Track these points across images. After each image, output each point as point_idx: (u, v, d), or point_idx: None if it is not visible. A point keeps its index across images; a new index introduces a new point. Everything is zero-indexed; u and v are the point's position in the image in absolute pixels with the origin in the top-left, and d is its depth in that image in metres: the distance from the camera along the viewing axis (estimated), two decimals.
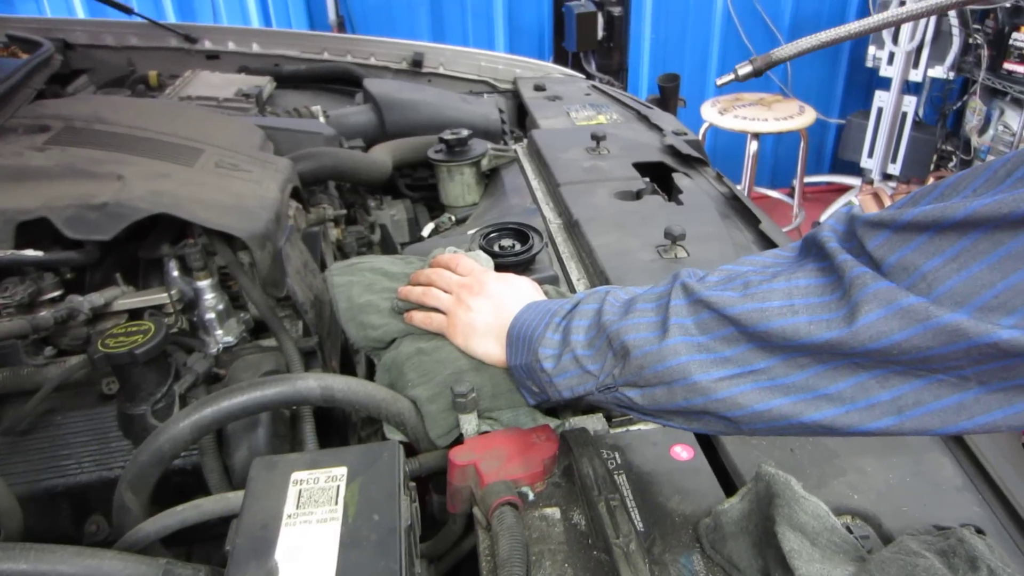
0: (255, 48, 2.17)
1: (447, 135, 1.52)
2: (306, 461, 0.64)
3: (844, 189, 3.80)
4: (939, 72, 3.32)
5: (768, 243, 1.12)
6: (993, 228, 0.41)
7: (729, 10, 3.49)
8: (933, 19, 3.18)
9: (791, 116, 3.03)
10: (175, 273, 0.98)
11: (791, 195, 3.84)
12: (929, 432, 0.47)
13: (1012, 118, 3.33)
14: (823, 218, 3.57)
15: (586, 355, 0.65)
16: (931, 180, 3.37)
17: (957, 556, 0.58)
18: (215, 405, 0.70)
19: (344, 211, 1.40)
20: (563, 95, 1.90)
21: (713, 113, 3.10)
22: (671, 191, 1.34)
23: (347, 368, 1.13)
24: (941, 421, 0.46)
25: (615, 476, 0.71)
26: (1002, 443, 0.79)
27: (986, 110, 3.47)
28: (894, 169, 3.55)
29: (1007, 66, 3.28)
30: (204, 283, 0.97)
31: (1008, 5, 3.02)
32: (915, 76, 3.35)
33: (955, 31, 3.20)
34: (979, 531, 0.65)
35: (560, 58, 3.47)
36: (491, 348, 0.77)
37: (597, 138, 1.47)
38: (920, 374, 0.46)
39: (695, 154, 1.45)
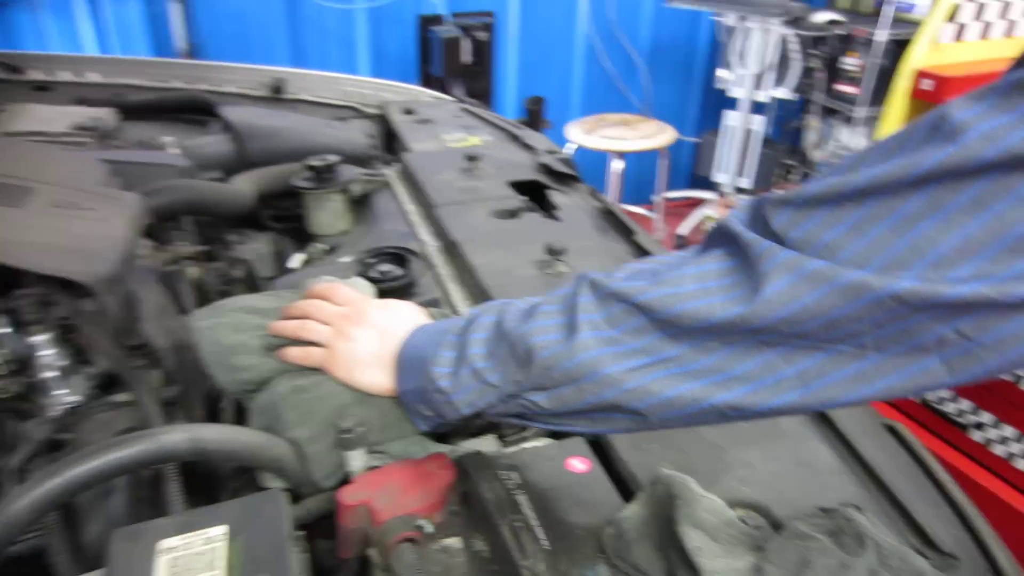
0: (93, 78, 2.01)
1: (314, 161, 1.46)
2: (176, 525, 0.57)
3: (701, 202, 4.00)
4: (782, 93, 3.57)
5: (643, 252, 1.14)
6: (888, 194, 0.43)
7: (590, 35, 3.62)
8: (778, 45, 3.41)
9: (652, 135, 3.16)
10: (5, 330, 0.87)
11: (653, 210, 4.01)
12: (833, 404, 0.48)
13: (845, 134, 3.63)
14: (680, 230, 3.74)
15: (486, 367, 0.63)
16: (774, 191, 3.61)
17: (846, 534, 0.60)
18: (60, 476, 0.60)
19: (203, 248, 1.31)
20: (433, 118, 1.88)
21: (579, 133, 3.19)
22: (547, 208, 1.34)
23: (213, 418, 1.05)
24: (843, 391, 0.47)
25: (515, 497, 0.68)
26: (867, 427, 0.83)
27: (822, 127, 3.77)
28: (745, 183, 3.78)
29: (838, 87, 3.58)
30: (40, 338, 0.86)
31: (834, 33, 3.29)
32: (761, 97, 3.58)
33: (795, 56, 3.46)
34: (857, 508, 0.67)
35: (427, 83, 3.46)
36: (377, 378, 0.73)
37: (471, 159, 1.46)
38: (822, 346, 0.47)
39: (568, 171, 1.47)
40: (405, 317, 0.78)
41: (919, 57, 1.69)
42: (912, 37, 3.28)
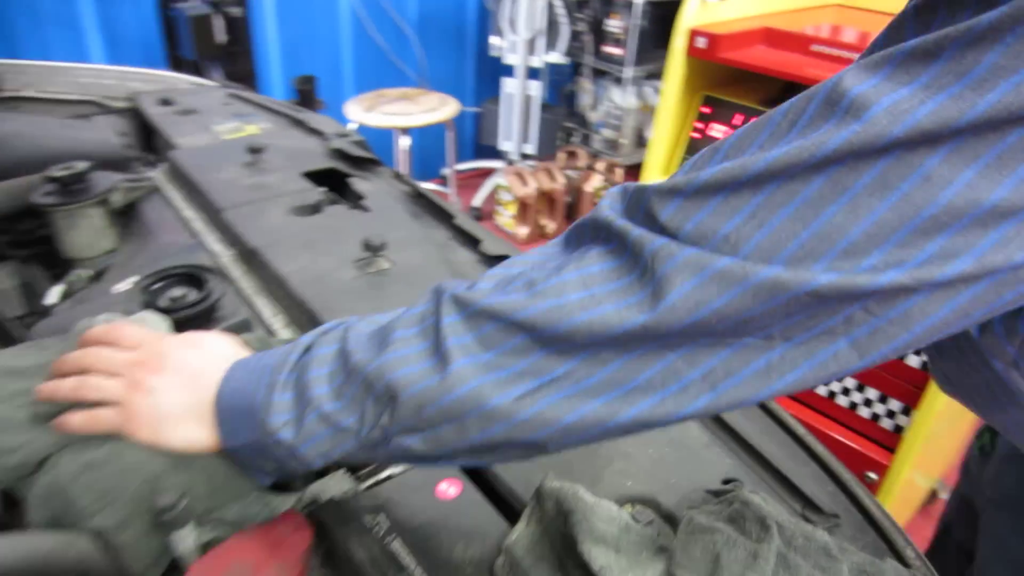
0: None
1: (57, 171, 1.21)
2: None
3: (489, 172, 4.01)
4: (555, 58, 3.64)
5: (467, 237, 1.07)
6: (787, 178, 0.38)
7: (355, 7, 3.44)
8: (546, 10, 3.46)
9: (436, 108, 3.08)
10: None
11: (444, 183, 3.96)
12: (745, 402, 0.43)
13: (617, 95, 3.79)
14: (475, 202, 3.73)
15: (336, 409, 0.52)
16: (559, 155, 3.71)
17: (747, 519, 0.58)
18: None
19: None
20: (198, 108, 1.66)
21: (359, 112, 3.03)
22: (351, 198, 1.22)
23: None
24: (754, 388, 0.43)
25: (389, 546, 0.59)
26: None
27: (594, 89, 3.91)
28: (530, 149, 3.84)
29: (606, 49, 3.72)
30: None
31: None
32: (535, 62, 3.63)
33: (564, 20, 3.52)
34: (738, 482, 0.66)
35: (177, 68, 3.10)
36: (195, 434, 0.59)
37: (255, 151, 1.29)
38: (728, 342, 0.42)
39: (366, 155, 1.35)
40: (217, 352, 0.65)
41: (691, 16, 1.75)
42: None
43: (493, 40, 3.63)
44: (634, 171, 4.13)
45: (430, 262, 0.96)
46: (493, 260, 1.00)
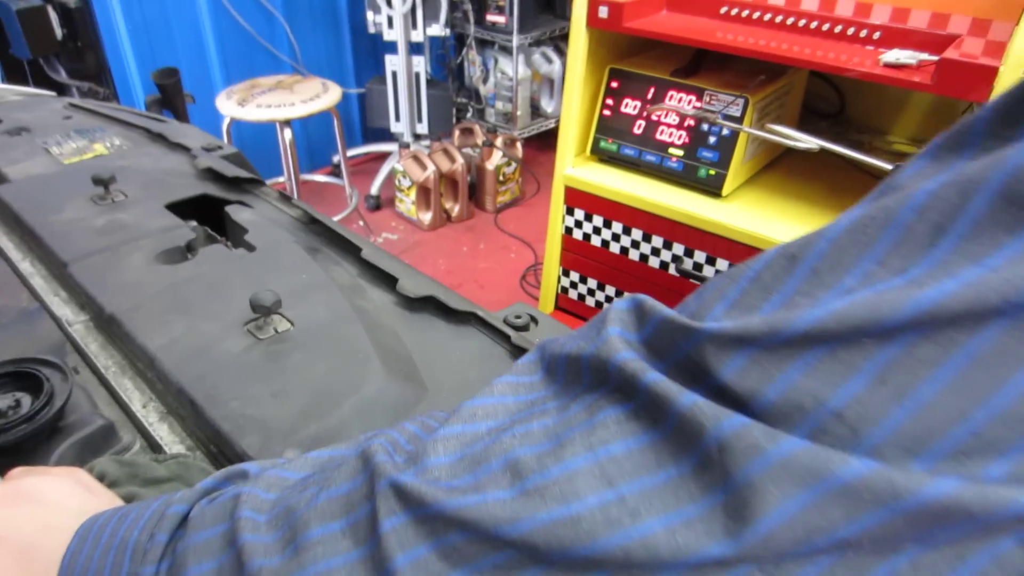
0: None
1: None
2: None
3: (383, 156, 3.79)
4: (436, 30, 3.43)
5: (378, 272, 0.89)
6: (951, 325, 0.23)
7: None
8: None
9: (317, 95, 2.83)
10: None
11: (334, 174, 3.71)
12: None
13: (506, 65, 3.62)
14: (372, 190, 3.50)
15: None
16: (456, 133, 3.53)
17: None
18: None
19: None
20: (31, 124, 1.39)
21: (231, 106, 2.74)
22: (231, 232, 1.02)
23: None
24: None
25: None
26: None
27: (481, 60, 3.73)
28: (422, 129, 3.63)
29: (489, 18, 3.54)
30: None
31: None
32: (417, 37, 3.41)
33: None
34: None
35: (13, 71, 2.72)
36: None
37: (103, 181, 1.06)
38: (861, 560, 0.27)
39: (243, 173, 1.15)
40: (57, 510, 0.47)
41: None
42: None
43: (370, 16, 3.38)
44: (533, 143, 4.00)
45: (339, 315, 0.78)
46: (414, 303, 0.84)
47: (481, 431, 0.33)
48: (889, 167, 1.20)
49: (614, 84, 1.77)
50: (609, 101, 1.78)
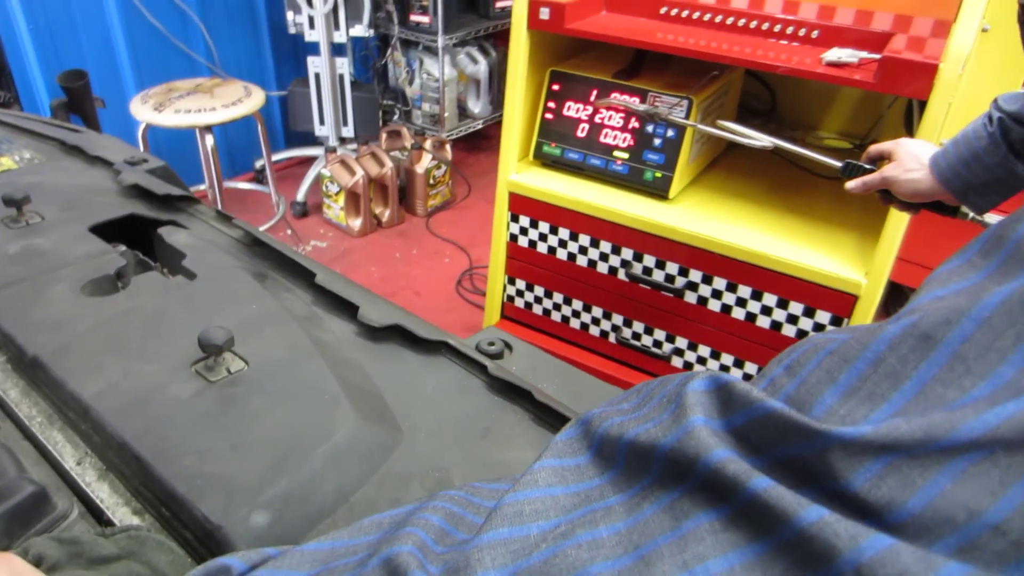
0: None
1: None
2: None
3: (308, 161, 3.66)
4: (359, 31, 3.33)
5: (333, 299, 0.83)
6: None
7: None
8: None
9: (240, 100, 2.69)
10: None
11: (256, 180, 3.56)
12: None
13: (432, 66, 3.55)
14: (298, 196, 3.36)
15: None
16: (383, 136, 3.44)
17: None
18: None
19: None
20: None
21: (147, 111, 2.58)
22: (165, 256, 0.94)
23: None
24: None
25: None
26: None
27: (406, 61, 3.64)
28: (347, 132, 3.52)
29: (413, 18, 3.46)
30: None
31: None
32: (339, 37, 3.30)
33: None
34: None
35: None
36: None
37: (16, 201, 0.96)
38: None
39: (175, 190, 1.06)
40: None
41: None
42: None
43: (290, 16, 3.25)
44: (461, 144, 3.94)
45: (298, 351, 0.72)
46: (379, 333, 0.78)
47: (533, 536, 0.28)
48: (839, 164, 1.22)
49: (555, 87, 1.73)
50: (551, 104, 1.74)
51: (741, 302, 1.60)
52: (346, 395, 0.67)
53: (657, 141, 1.64)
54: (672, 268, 1.65)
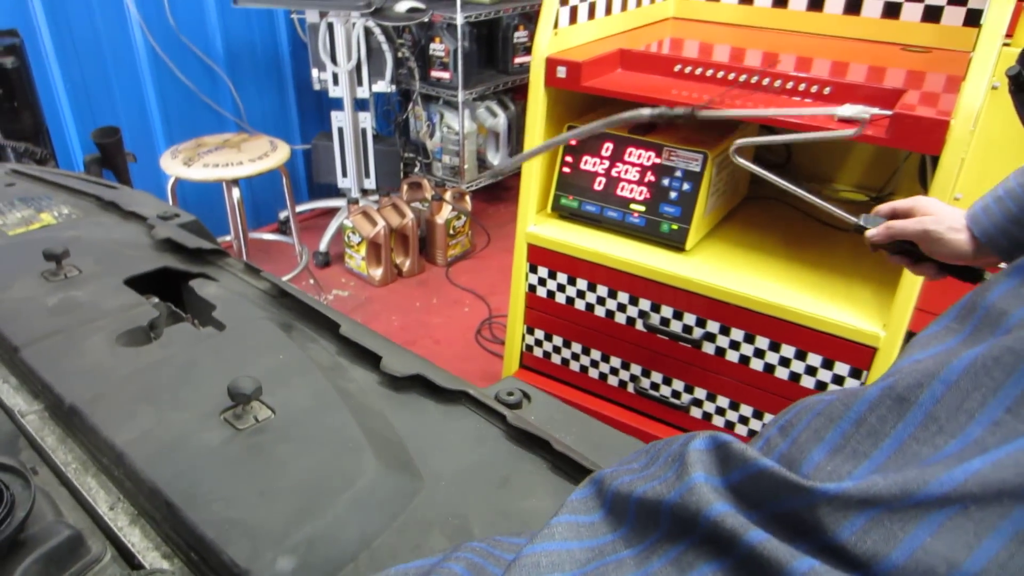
0: None
1: None
2: None
3: (330, 212, 3.74)
4: (382, 87, 3.43)
5: (357, 349, 0.85)
6: None
7: (153, 47, 3.05)
8: (363, 38, 3.25)
9: (266, 154, 2.78)
10: None
11: (280, 231, 3.64)
12: None
13: (452, 119, 3.64)
14: (321, 247, 3.43)
15: None
16: (404, 188, 3.51)
17: None
18: None
19: None
20: None
21: (177, 166, 2.67)
22: (195, 308, 0.97)
23: None
24: None
25: None
26: None
27: (427, 115, 3.74)
28: (369, 184, 3.61)
29: (434, 74, 3.57)
30: None
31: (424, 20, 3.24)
32: (362, 93, 3.40)
33: (385, 47, 3.33)
34: None
35: None
36: None
37: (56, 256, 1.00)
38: None
39: (205, 243, 1.10)
40: None
41: (544, 45, 1.62)
42: (487, 17, 3.41)
43: (315, 73, 3.37)
44: (481, 196, 4.01)
45: (323, 400, 0.74)
46: (400, 382, 0.80)
47: None
48: (855, 220, 1.15)
49: (573, 142, 1.78)
50: (568, 158, 1.79)
51: (759, 353, 1.61)
52: (369, 443, 0.69)
53: (673, 194, 1.67)
54: (690, 319, 1.66)
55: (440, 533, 0.61)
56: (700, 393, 1.74)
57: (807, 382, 1.58)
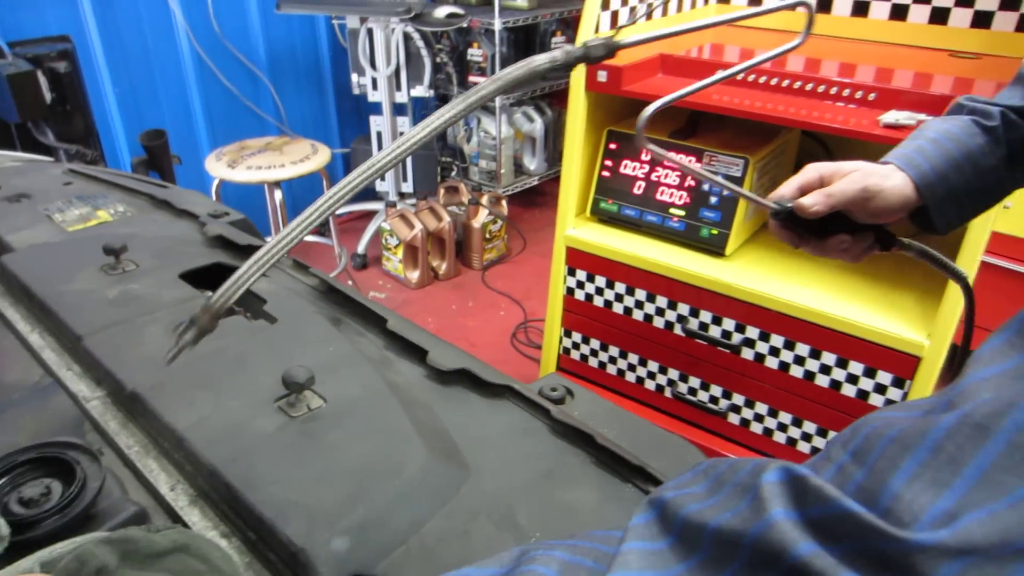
0: None
1: None
2: None
3: (369, 215, 3.79)
4: (420, 92, 3.48)
5: (402, 342, 0.88)
6: None
7: (198, 52, 3.13)
8: (402, 43, 3.30)
9: (307, 157, 2.83)
10: None
11: (320, 233, 3.70)
12: None
13: (489, 124, 3.67)
14: (359, 248, 3.48)
15: None
16: (442, 192, 3.54)
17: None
18: None
19: None
20: (31, 191, 1.37)
21: (221, 168, 2.74)
22: (247, 302, 1.00)
23: None
24: None
25: None
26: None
27: (464, 120, 3.78)
28: (407, 187, 3.65)
29: (472, 79, 3.60)
30: None
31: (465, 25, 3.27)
32: (400, 98, 3.45)
33: (424, 52, 3.37)
34: None
35: (0, 135, 2.69)
36: None
37: (115, 251, 1.04)
38: None
39: (255, 240, 1.13)
40: None
41: None
42: (524, 22, 3.43)
43: (355, 78, 3.43)
44: (517, 200, 4.03)
45: (372, 391, 0.76)
46: (446, 376, 0.82)
47: None
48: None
49: (612, 146, 1.79)
50: (608, 162, 1.80)
51: (799, 360, 1.60)
52: (417, 433, 0.70)
53: (713, 199, 1.67)
54: (729, 324, 1.66)
55: (488, 520, 0.63)
56: (738, 399, 1.73)
57: (848, 390, 1.57)
